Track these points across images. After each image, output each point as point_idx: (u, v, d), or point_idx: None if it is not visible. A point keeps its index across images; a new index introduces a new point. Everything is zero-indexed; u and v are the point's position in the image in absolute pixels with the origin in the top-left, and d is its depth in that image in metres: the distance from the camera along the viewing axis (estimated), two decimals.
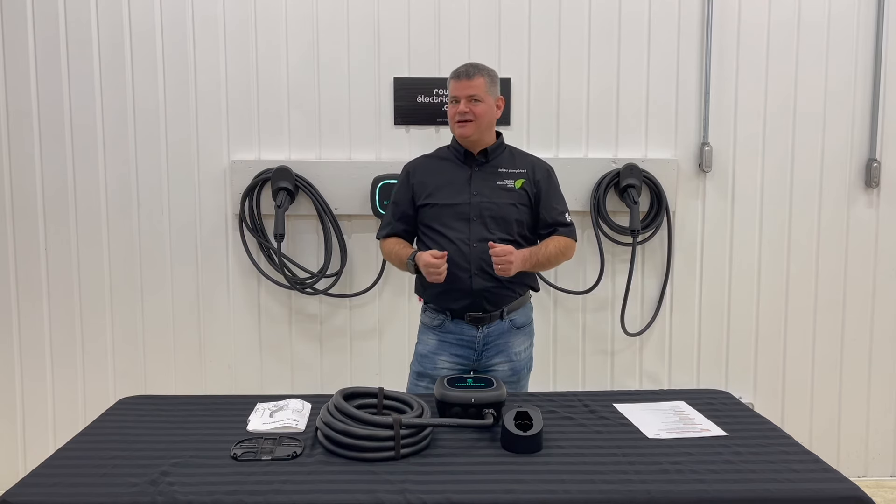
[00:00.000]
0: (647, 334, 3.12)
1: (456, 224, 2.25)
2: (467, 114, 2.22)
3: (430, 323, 2.35)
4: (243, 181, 2.95)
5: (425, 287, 2.32)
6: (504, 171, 2.30)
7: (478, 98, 2.23)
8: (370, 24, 2.96)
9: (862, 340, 3.16)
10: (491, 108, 2.27)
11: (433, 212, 2.29)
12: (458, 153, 2.33)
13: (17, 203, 2.97)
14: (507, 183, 2.28)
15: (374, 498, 1.36)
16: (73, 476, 1.46)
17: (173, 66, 2.95)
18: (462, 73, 2.25)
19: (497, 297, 2.27)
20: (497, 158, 2.33)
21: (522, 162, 2.35)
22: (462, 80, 2.23)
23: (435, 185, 2.30)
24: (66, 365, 3.03)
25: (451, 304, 2.28)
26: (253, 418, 1.74)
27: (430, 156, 2.42)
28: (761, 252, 3.12)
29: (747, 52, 3.04)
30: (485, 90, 2.24)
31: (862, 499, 1.40)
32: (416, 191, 2.32)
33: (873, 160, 3.06)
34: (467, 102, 2.22)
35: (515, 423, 1.58)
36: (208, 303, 3.04)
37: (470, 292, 2.24)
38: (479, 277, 2.23)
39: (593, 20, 3.01)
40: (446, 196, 2.28)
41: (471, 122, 2.23)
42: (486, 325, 2.29)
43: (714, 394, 2.01)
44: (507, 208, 2.26)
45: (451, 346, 2.31)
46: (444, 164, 2.35)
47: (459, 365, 2.32)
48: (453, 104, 2.26)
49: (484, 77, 2.25)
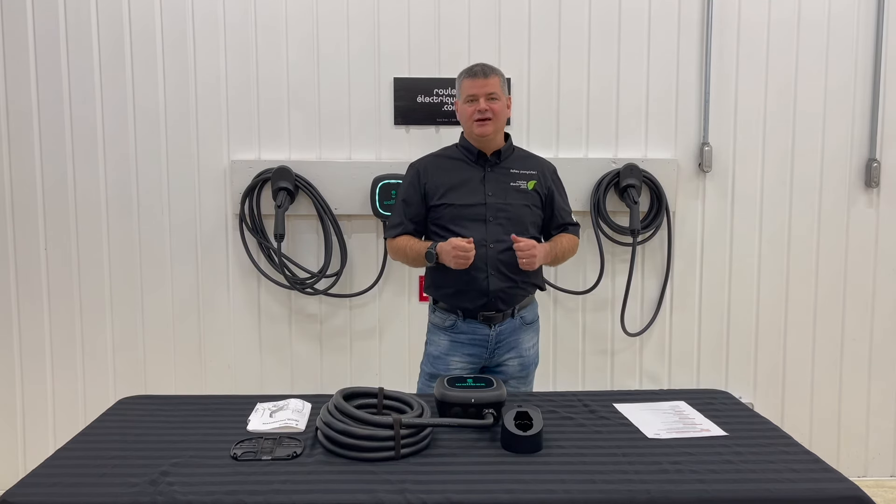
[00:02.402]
0: (647, 334, 3.12)
1: (471, 225, 2.25)
2: (487, 112, 2.22)
3: (442, 324, 2.35)
4: (243, 181, 2.95)
5: (438, 287, 2.32)
6: (516, 172, 2.31)
7: (495, 96, 2.24)
8: (370, 24, 2.96)
9: (862, 340, 3.16)
10: (505, 106, 2.29)
11: (448, 212, 2.28)
12: (470, 153, 2.32)
13: (17, 203, 2.97)
14: (521, 184, 2.30)
15: (374, 498, 1.36)
16: (73, 476, 1.46)
17: (173, 65, 2.95)
18: (479, 71, 2.25)
19: (511, 297, 2.29)
20: (508, 159, 2.34)
21: (532, 163, 2.37)
22: (479, 79, 2.23)
23: (449, 185, 2.29)
24: (66, 365, 3.03)
25: (465, 303, 2.28)
26: (253, 418, 1.74)
27: (439, 155, 2.41)
28: (761, 252, 3.12)
29: (747, 52, 3.04)
30: (500, 88, 2.26)
31: (862, 499, 1.40)
32: (429, 191, 2.31)
33: (873, 160, 3.06)
34: (486, 100, 2.23)
35: (515, 423, 1.58)
36: (208, 303, 3.04)
37: (486, 292, 2.24)
38: (496, 278, 2.24)
39: (593, 20, 3.01)
40: (461, 197, 2.28)
41: (490, 120, 2.23)
42: (498, 324, 2.30)
43: (714, 394, 2.01)
44: (522, 210, 2.28)
45: (464, 346, 2.31)
46: (456, 164, 2.34)
47: (472, 364, 2.32)
48: (470, 103, 2.25)
49: (499, 76, 2.28)
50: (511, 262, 2.24)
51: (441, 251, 2.21)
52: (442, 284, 2.29)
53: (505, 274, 2.24)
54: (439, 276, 2.31)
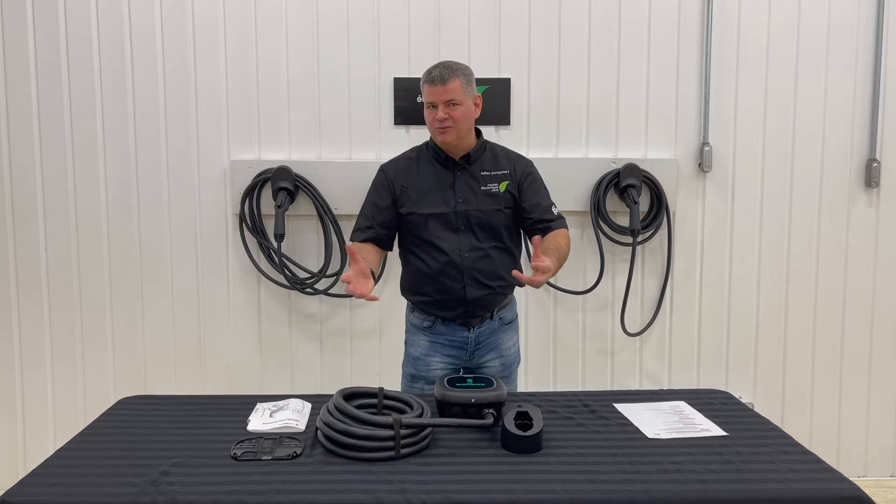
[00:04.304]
0: (647, 334, 3.12)
1: (443, 234, 2.18)
2: (446, 120, 2.10)
3: (420, 324, 2.31)
4: (243, 181, 2.95)
5: (414, 293, 2.28)
6: (487, 174, 2.22)
7: (455, 102, 2.11)
8: (370, 24, 2.96)
9: (862, 340, 3.16)
10: (470, 109, 2.16)
11: (418, 221, 2.20)
12: (439, 157, 2.24)
13: (17, 203, 2.97)
14: (492, 187, 2.21)
15: (374, 498, 1.36)
16: (73, 476, 1.46)
17: (173, 66, 2.95)
18: (436, 77, 2.11)
19: (489, 304, 2.25)
20: (479, 160, 2.24)
21: (504, 161, 2.26)
22: (437, 86, 2.10)
23: (418, 191, 2.21)
24: (66, 365, 3.03)
25: (442, 312, 2.24)
26: (253, 418, 1.74)
27: (408, 157, 2.31)
28: (761, 252, 3.12)
29: (747, 53, 3.04)
30: (462, 93, 2.12)
31: (862, 499, 1.40)
32: (399, 197, 2.23)
33: (873, 160, 3.06)
34: (445, 108, 2.10)
35: (515, 423, 1.58)
36: (208, 303, 3.04)
37: (463, 301, 2.20)
38: (473, 287, 2.19)
39: (593, 20, 3.01)
40: (430, 205, 2.19)
41: (451, 128, 2.13)
42: (477, 326, 2.27)
43: (714, 394, 2.01)
44: (494, 215, 2.20)
45: (443, 346, 2.28)
46: (424, 167, 2.25)
47: (452, 365, 2.29)
48: (430, 109, 2.14)
49: (459, 79, 2.12)
50: (488, 269, 2.19)
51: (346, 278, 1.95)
52: (418, 291, 2.24)
53: (482, 282, 2.19)
54: (416, 282, 2.26)
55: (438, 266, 2.18)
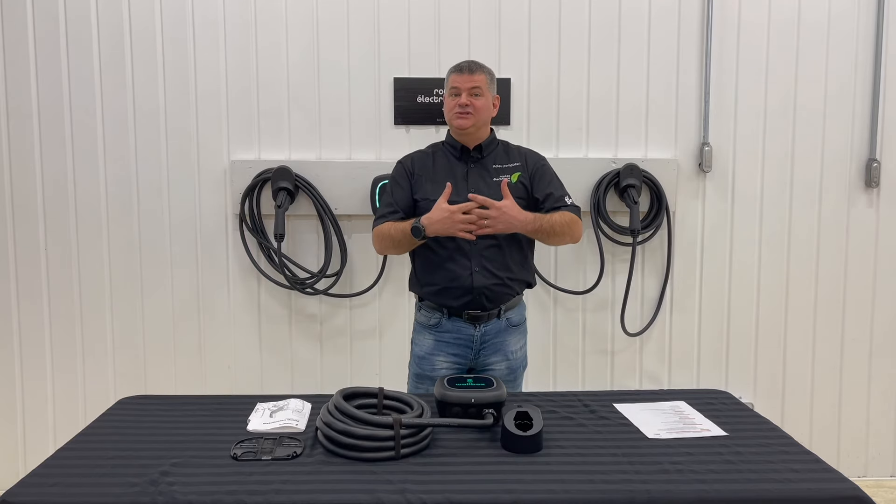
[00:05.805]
0: (647, 334, 3.12)
1: None
2: (468, 106, 2.23)
3: (427, 322, 2.34)
4: (243, 181, 2.95)
5: (422, 284, 2.32)
6: (499, 166, 2.31)
7: (478, 92, 2.24)
8: (370, 25, 2.97)
9: (862, 340, 3.16)
10: (489, 104, 2.29)
11: (430, 208, 2.23)
12: (454, 149, 2.33)
13: (17, 203, 2.97)
14: (504, 178, 2.28)
15: (374, 498, 1.36)
16: (73, 476, 1.46)
17: (173, 66, 2.95)
18: (465, 66, 2.27)
19: (496, 295, 2.27)
20: (491, 154, 2.33)
21: (516, 155, 2.35)
22: (465, 74, 2.25)
23: (432, 181, 2.29)
24: (66, 365, 3.03)
25: (450, 301, 2.27)
26: (253, 418, 1.74)
27: (424, 152, 2.41)
28: (761, 252, 3.12)
29: (747, 52, 3.04)
30: (486, 85, 2.26)
31: (862, 499, 1.40)
32: (414, 185, 2.32)
33: (873, 160, 3.06)
34: (468, 95, 2.23)
35: (515, 423, 1.58)
36: (208, 303, 3.04)
37: (470, 289, 2.23)
38: (480, 275, 2.23)
39: (593, 20, 3.01)
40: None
41: (470, 114, 2.23)
42: (483, 324, 2.29)
43: (714, 394, 2.01)
44: None
45: (448, 345, 2.30)
46: (440, 160, 2.34)
47: (457, 365, 2.31)
48: (453, 97, 2.26)
49: (485, 74, 2.28)
50: (496, 258, 2.24)
51: (431, 221, 2.13)
52: (426, 282, 2.28)
53: (490, 271, 2.23)
54: (423, 273, 2.31)
55: (447, 252, 2.23)
